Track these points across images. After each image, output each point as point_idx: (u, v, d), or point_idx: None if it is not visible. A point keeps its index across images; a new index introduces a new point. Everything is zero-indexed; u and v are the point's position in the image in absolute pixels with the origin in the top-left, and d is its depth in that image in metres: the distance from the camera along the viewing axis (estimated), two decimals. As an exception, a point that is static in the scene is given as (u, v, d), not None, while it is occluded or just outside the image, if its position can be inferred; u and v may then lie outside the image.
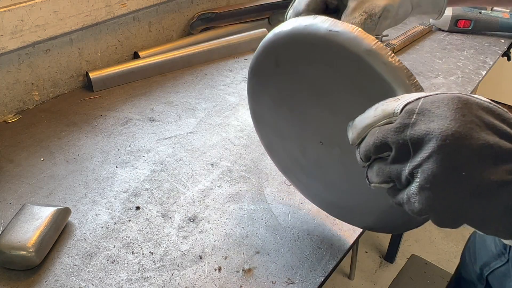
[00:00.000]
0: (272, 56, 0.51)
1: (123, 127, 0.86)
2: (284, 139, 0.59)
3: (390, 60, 0.41)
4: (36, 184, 0.72)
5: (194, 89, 0.99)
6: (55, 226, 0.60)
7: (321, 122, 0.51)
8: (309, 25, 0.45)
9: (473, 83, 1.02)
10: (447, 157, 0.31)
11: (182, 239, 0.62)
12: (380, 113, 0.37)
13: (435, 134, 0.31)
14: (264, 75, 0.55)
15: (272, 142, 0.62)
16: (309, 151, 0.56)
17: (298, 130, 0.55)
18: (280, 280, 0.57)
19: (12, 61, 0.87)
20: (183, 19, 1.17)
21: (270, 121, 0.59)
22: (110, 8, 0.94)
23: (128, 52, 1.07)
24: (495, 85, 2.28)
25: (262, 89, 0.57)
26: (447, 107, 0.32)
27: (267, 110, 0.58)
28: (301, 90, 0.51)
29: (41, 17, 0.84)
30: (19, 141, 0.82)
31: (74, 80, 0.99)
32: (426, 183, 0.31)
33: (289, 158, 0.60)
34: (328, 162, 0.54)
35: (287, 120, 0.56)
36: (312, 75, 0.48)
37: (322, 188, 0.59)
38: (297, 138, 0.56)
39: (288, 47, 0.48)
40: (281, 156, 0.63)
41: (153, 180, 0.73)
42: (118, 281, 0.56)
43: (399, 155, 0.34)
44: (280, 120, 0.57)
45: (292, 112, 0.54)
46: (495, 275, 0.65)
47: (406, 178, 0.33)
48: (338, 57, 0.44)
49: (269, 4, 1.24)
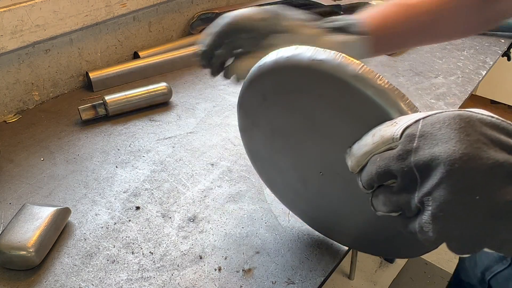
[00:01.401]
0: (258, 90, 0.50)
1: (123, 127, 0.86)
2: (283, 173, 0.57)
3: (379, 82, 0.40)
4: (36, 184, 0.72)
5: (194, 89, 0.99)
6: (55, 226, 0.60)
7: (317, 152, 0.50)
8: (291, 56, 0.44)
9: (473, 83, 1.02)
10: (457, 182, 0.29)
11: (182, 239, 0.62)
12: (379, 139, 0.35)
13: (442, 159, 0.30)
14: (253, 110, 0.53)
15: (272, 177, 0.61)
16: (310, 183, 0.54)
17: (295, 162, 0.54)
18: (280, 280, 0.57)
19: (12, 61, 0.87)
20: (183, 19, 1.17)
21: (266, 156, 0.57)
22: (110, 8, 0.94)
23: (128, 52, 1.07)
24: (495, 85, 2.27)
25: (253, 125, 0.55)
26: (450, 127, 0.31)
27: (261, 145, 0.57)
28: (292, 122, 0.50)
29: (41, 17, 0.84)
30: (19, 141, 0.82)
31: (74, 80, 0.99)
32: (439, 212, 0.30)
33: (291, 191, 0.58)
34: (331, 192, 0.52)
35: (283, 153, 0.54)
36: (301, 105, 0.47)
37: (331, 220, 0.57)
38: (295, 170, 0.54)
39: (273, 79, 0.47)
40: (283, 191, 0.61)
41: (153, 180, 0.73)
42: (118, 281, 0.56)
43: (405, 183, 0.33)
44: (275, 154, 0.55)
45: (286, 144, 0.53)
46: (498, 279, 0.65)
47: (416, 206, 0.32)
48: (325, 86, 0.43)
49: (269, 4, 1.24)
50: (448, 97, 0.96)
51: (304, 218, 0.63)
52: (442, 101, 0.94)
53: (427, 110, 0.93)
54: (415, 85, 0.99)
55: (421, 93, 0.96)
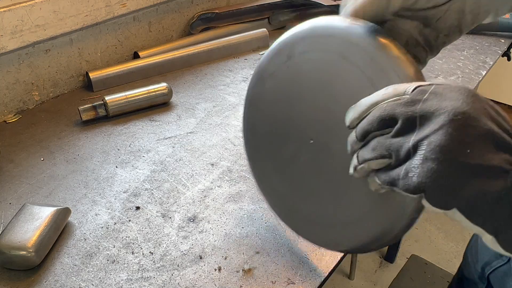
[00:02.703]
0: (284, 52, 0.54)
1: (123, 127, 0.86)
2: (276, 148, 0.57)
3: (402, 55, 0.42)
4: (36, 184, 0.72)
5: (194, 89, 0.99)
6: (55, 226, 0.60)
7: (317, 117, 0.51)
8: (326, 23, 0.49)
9: (473, 83, 1.02)
10: (456, 131, 0.31)
11: (182, 239, 0.62)
12: (391, 91, 0.37)
13: (447, 110, 0.32)
14: (272, 67, 0.56)
15: (261, 159, 0.60)
16: (298, 156, 0.54)
17: (291, 127, 0.54)
18: (280, 280, 0.57)
19: (12, 61, 0.87)
20: (183, 19, 1.17)
21: (264, 128, 0.58)
22: (110, 8, 0.94)
23: (128, 52, 1.07)
24: (495, 85, 2.27)
25: (263, 82, 0.57)
26: (460, 92, 0.33)
27: (265, 111, 0.58)
28: (306, 82, 0.52)
29: (41, 17, 0.84)
30: (19, 141, 0.82)
31: (74, 80, 0.99)
32: (432, 154, 0.32)
33: (277, 174, 0.58)
34: (314, 165, 0.52)
35: (283, 119, 0.55)
36: (323, 66, 0.49)
37: (302, 202, 0.56)
38: (288, 139, 0.55)
39: (304, 43, 0.51)
40: (269, 174, 0.60)
41: (153, 180, 0.73)
42: (118, 281, 0.56)
43: (404, 128, 0.34)
44: (275, 122, 0.56)
45: (290, 106, 0.54)
46: (496, 274, 0.65)
47: (408, 151, 0.33)
48: (353, 48, 0.45)
49: (269, 4, 1.24)
50: (448, 97, 0.96)
51: (277, 204, 0.60)
52: (442, 101, 0.94)
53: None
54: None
55: (421, 93, 0.96)
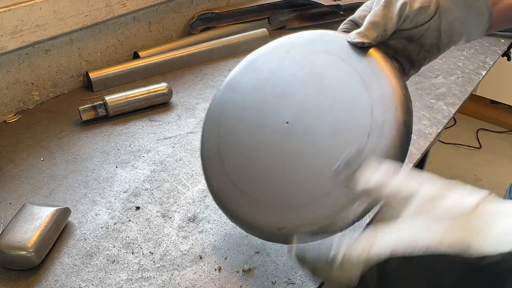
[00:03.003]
0: (284, 48, 0.60)
1: (123, 127, 0.86)
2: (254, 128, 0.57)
3: (390, 64, 0.51)
4: (36, 184, 0.72)
5: (194, 89, 0.99)
6: (55, 226, 0.60)
7: (300, 104, 0.53)
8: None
9: (473, 83, 1.02)
10: None
11: (182, 239, 0.62)
12: None
13: None
14: (268, 63, 0.59)
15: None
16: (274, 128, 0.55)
17: (273, 109, 0.55)
18: (280, 280, 0.57)
19: (12, 61, 0.87)
20: (183, 19, 1.17)
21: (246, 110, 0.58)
22: (110, 8, 0.94)
23: (128, 52, 1.07)
24: (495, 85, 2.28)
25: (254, 72, 0.59)
26: None
27: (248, 92, 0.59)
28: (297, 74, 0.55)
29: (41, 17, 0.84)
30: (19, 141, 0.82)
31: (74, 80, 0.99)
32: None
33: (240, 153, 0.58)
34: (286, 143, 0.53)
35: (265, 103, 0.57)
36: (319, 63, 0.54)
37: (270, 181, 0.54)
38: (266, 119, 0.56)
39: (307, 44, 0.58)
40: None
41: (153, 180, 0.73)
42: (118, 281, 0.56)
43: None
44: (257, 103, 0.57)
45: (275, 91, 0.56)
46: None
47: None
48: (354, 54, 0.53)
49: (269, 4, 1.24)
50: (448, 97, 0.96)
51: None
52: (442, 101, 0.94)
53: (427, 110, 0.93)
54: (415, 85, 0.99)
55: (421, 93, 0.97)
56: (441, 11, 0.51)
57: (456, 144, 2.33)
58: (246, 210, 0.52)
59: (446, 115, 0.90)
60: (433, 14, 0.51)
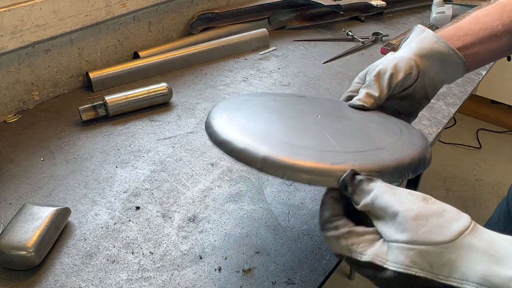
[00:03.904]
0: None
1: (123, 127, 0.86)
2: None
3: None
4: (36, 184, 0.72)
5: (194, 89, 0.99)
6: (55, 226, 0.60)
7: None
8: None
9: (473, 83, 1.02)
10: None
11: (182, 239, 0.62)
12: None
13: None
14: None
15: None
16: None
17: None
18: (280, 280, 0.57)
19: (12, 61, 0.87)
20: (183, 19, 1.17)
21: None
22: (110, 8, 0.94)
23: (128, 52, 1.07)
24: (495, 85, 2.27)
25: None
26: None
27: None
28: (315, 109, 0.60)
29: (41, 17, 0.84)
30: (19, 141, 0.82)
31: (74, 80, 0.99)
32: None
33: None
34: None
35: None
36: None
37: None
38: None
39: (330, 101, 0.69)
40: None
41: (153, 180, 0.73)
42: (118, 281, 0.56)
43: None
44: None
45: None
46: None
47: None
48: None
49: (269, 4, 1.24)
50: (448, 97, 0.96)
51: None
52: (442, 101, 0.94)
53: (427, 110, 0.93)
54: (415, 85, 0.99)
55: (421, 93, 0.96)
56: (422, 72, 0.60)
57: (456, 144, 2.33)
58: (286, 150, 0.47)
59: (446, 115, 0.90)
60: (416, 77, 0.59)
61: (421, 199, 0.39)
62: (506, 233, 0.36)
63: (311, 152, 0.46)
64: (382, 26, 1.30)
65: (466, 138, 2.38)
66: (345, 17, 1.32)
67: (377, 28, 1.28)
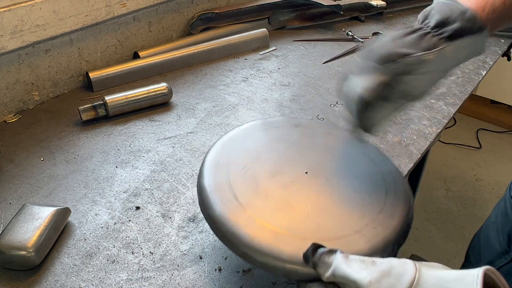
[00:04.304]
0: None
1: (123, 127, 0.86)
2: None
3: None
4: (36, 184, 0.72)
5: (194, 89, 0.99)
6: (55, 226, 0.60)
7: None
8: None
9: (473, 83, 1.02)
10: None
11: (182, 239, 0.62)
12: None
13: None
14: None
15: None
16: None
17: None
18: (280, 280, 0.57)
19: (12, 61, 0.87)
20: (183, 19, 1.17)
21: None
22: (110, 8, 0.94)
23: (128, 52, 1.07)
24: (495, 85, 2.28)
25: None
26: None
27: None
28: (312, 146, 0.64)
29: (41, 17, 0.84)
30: (19, 141, 0.82)
31: (74, 80, 0.99)
32: None
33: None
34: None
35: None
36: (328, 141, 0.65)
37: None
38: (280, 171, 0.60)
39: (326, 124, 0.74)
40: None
41: (153, 180, 0.73)
42: (118, 281, 0.56)
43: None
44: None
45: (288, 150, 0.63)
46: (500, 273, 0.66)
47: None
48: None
49: (269, 4, 1.24)
50: (448, 97, 0.96)
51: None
52: (442, 101, 0.95)
53: (427, 110, 0.93)
54: (415, 85, 0.99)
55: (421, 93, 0.96)
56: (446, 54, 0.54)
57: (456, 144, 2.33)
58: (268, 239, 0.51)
59: (446, 115, 0.90)
60: None
61: (370, 263, 0.41)
62: (502, 234, 0.37)
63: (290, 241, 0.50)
64: (382, 26, 1.30)
65: (466, 138, 2.38)
66: (345, 17, 1.32)
67: (377, 28, 1.28)
